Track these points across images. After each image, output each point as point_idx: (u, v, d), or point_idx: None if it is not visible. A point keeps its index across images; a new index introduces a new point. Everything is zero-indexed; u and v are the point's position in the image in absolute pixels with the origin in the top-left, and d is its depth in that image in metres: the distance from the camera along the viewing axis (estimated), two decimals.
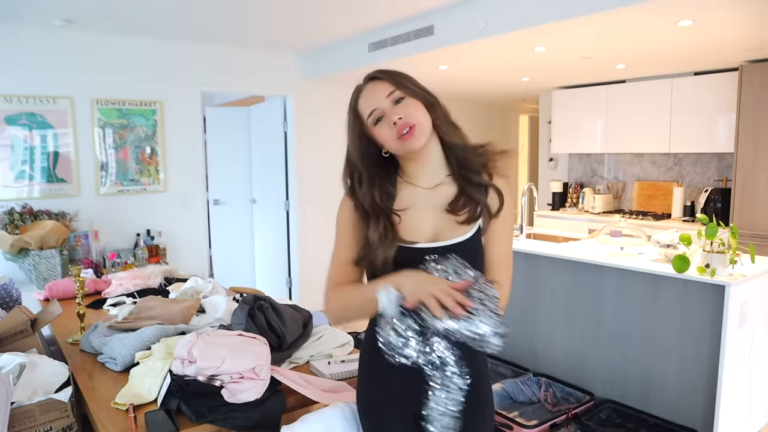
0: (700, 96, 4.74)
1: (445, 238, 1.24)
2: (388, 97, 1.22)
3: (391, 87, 1.23)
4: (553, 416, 2.85)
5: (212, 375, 1.49)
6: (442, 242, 1.23)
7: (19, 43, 3.75)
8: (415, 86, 1.25)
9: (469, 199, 1.25)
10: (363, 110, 1.25)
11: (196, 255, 4.62)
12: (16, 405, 1.47)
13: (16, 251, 3.44)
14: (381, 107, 1.22)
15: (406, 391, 1.24)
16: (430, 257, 1.19)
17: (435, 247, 1.22)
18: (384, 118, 1.22)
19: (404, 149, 1.23)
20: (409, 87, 1.24)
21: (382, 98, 1.22)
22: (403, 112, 1.21)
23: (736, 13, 2.99)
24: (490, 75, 5.08)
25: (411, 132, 1.20)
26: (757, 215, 4.16)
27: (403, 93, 1.22)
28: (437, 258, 1.17)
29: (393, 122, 1.20)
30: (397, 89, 1.22)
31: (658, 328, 2.82)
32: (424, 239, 1.24)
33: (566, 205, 5.97)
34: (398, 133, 1.20)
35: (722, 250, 2.65)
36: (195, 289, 2.56)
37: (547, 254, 3.29)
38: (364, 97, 1.26)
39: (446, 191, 1.28)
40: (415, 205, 1.27)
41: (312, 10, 3.58)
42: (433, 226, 1.25)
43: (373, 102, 1.23)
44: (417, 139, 1.21)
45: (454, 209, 1.25)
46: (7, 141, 3.75)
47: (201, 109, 4.70)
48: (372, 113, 1.23)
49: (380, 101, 1.22)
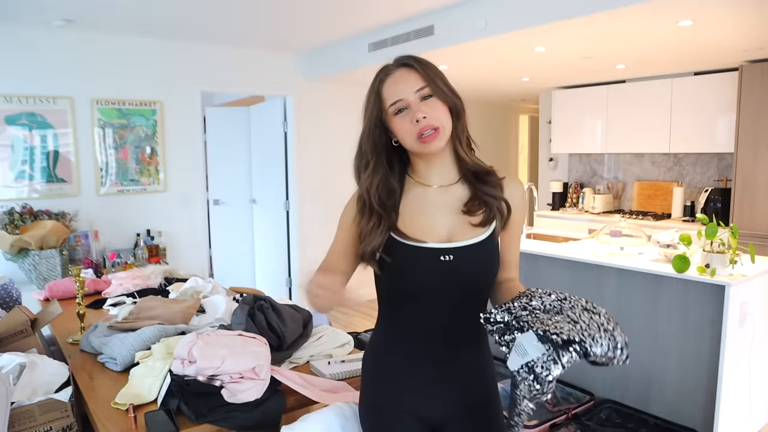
0: (700, 96, 4.73)
1: (459, 239, 1.21)
2: (417, 91, 1.16)
3: (422, 81, 1.17)
4: (553, 416, 2.85)
5: (212, 375, 1.49)
6: (456, 243, 1.20)
7: (19, 43, 3.75)
8: (446, 86, 1.20)
9: (484, 201, 1.23)
10: (386, 96, 1.19)
11: (196, 255, 4.62)
12: (16, 405, 1.47)
13: (16, 251, 3.44)
14: (407, 99, 1.17)
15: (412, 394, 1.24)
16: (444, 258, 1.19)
17: (449, 248, 1.19)
18: (407, 111, 1.17)
19: (421, 150, 1.20)
20: (439, 86, 1.18)
21: (411, 91, 1.17)
22: (429, 111, 1.16)
23: (736, 14, 2.99)
24: (490, 75, 5.08)
25: (434, 135, 1.16)
26: (757, 215, 4.16)
27: (432, 91, 1.17)
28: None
29: (416, 119, 1.16)
30: (428, 86, 1.17)
31: (658, 328, 2.82)
32: (437, 239, 1.21)
33: (566, 205, 5.97)
34: (419, 132, 1.16)
35: (722, 250, 2.65)
36: (195, 289, 2.56)
37: (547, 254, 3.29)
38: (391, 83, 1.19)
39: (460, 192, 1.25)
40: (426, 205, 1.24)
41: (312, 10, 3.58)
42: (447, 227, 1.22)
43: (399, 91, 1.17)
44: (437, 143, 1.18)
45: (470, 210, 1.22)
46: (7, 141, 3.75)
47: (201, 109, 4.70)
48: (396, 103, 1.18)
49: (408, 93, 1.17)
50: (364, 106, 1.23)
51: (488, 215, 1.22)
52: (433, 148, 1.18)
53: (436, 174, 1.25)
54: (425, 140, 1.16)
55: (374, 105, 1.21)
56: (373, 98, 1.21)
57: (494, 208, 1.23)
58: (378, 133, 1.22)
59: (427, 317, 1.22)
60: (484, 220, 1.22)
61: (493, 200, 1.23)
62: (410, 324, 1.24)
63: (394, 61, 1.22)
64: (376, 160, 1.24)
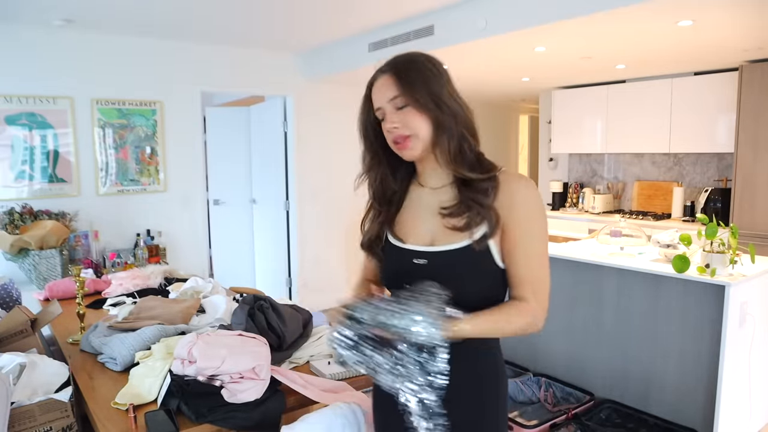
0: (700, 96, 4.74)
1: (440, 244, 1.16)
2: (390, 101, 1.15)
3: (395, 91, 1.15)
4: (553, 416, 2.85)
5: (212, 375, 1.49)
6: (433, 247, 1.16)
7: (19, 43, 3.75)
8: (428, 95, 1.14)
9: (468, 206, 1.14)
10: (373, 102, 1.20)
11: (196, 255, 4.62)
12: (16, 405, 1.47)
13: (16, 251, 3.44)
14: (383, 108, 1.17)
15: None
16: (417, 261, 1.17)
17: (422, 251, 1.17)
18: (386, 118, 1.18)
19: (401, 156, 1.21)
20: (415, 96, 1.13)
21: (385, 100, 1.16)
22: (400, 121, 1.15)
23: (736, 14, 2.99)
24: (490, 75, 5.08)
25: (405, 144, 1.16)
26: (757, 215, 4.16)
27: (406, 101, 1.14)
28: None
29: (387, 129, 1.17)
30: (401, 96, 1.14)
31: (658, 328, 2.82)
32: (418, 241, 1.19)
33: (566, 205, 5.97)
34: (393, 141, 1.18)
35: (722, 250, 2.65)
36: (195, 289, 2.55)
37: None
38: (375, 90, 1.20)
39: (448, 194, 1.20)
40: (418, 207, 1.24)
41: (312, 10, 3.58)
42: (431, 231, 1.19)
43: (378, 100, 1.18)
44: (411, 151, 1.17)
45: (450, 214, 1.16)
46: (7, 141, 3.75)
47: (201, 109, 4.70)
48: (378, 110, 1.19)
49: (383, 102, 1.17)
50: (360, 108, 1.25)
51: (469, 221, 1.13)
52: (407, 156, 1.19)
53: (430, 176, 1.24)
54: (399, 148, 1.18)
55: (364, 107, 1.23)
56: (363, 103, 1.23)
57: (478, 213, 1.13)
58: (373, 134, 1.23)
59: None
60: (463, 226, 1.13)
61: (477, 206, 1.13)
62: None
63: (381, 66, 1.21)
64: (371, 158, 1.26)
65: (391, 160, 1.25)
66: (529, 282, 1.14)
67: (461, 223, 1.14)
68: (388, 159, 1.25)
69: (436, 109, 1.14)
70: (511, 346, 3.54)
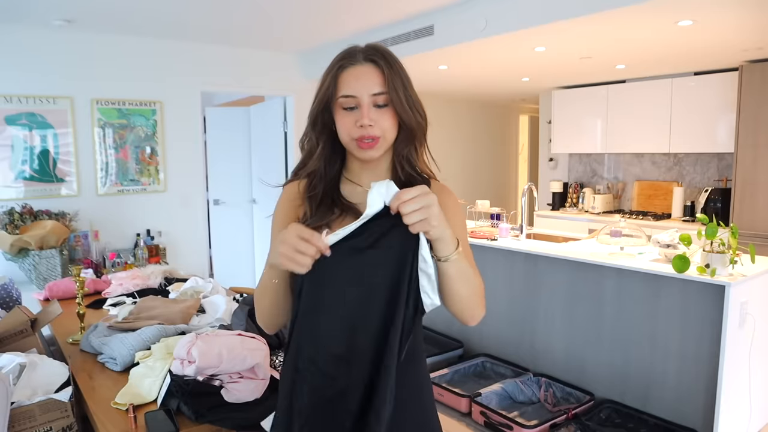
0: (700, 96, 4.74)
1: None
2: (373, 95, 1.07)
3: (382, 86, 1.07)
4: (553, 416, 2.85)
5: (212, 375, 1.49)
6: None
7: (19, 43, 3.75)
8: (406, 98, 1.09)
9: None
10: (342, 86, 1.08)
11: (196, 255, 4.62)
12: (16, 405, 1.47)
13: (16, 251, 3.44)
14: (360, 99, 1.07)
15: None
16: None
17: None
18: (356, 110, 1.08)
19: (355, 153, 1.11)
20: (399, 96, 1.08)
21: (367, 93, 1.06)
22: (377, 120, 1.07)
23: (736, 13, 2.99)
24: (490, 75, 5.08)
25: (372, 144, 1.08)
26: (757, 215, 4.16)
27: (388, 100, 1.08)
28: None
29: (361, 124, 1.07)
30: (387, 93, 1.07)
31: (658, 328, 2.82)
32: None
33: (566, 205, 5.97)
34: (360, 136, 1.07)
35: (722, 250, 2.65)
36: (195, 289, 2.56)
37: (547, 254, 3.29)
38: (351, 75, 1.08)
39: None
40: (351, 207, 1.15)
41: (312, 10, 3.58)
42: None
43: (356, 88, 1.07)
44: (375, 152, 1.10)
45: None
46: (7, 141, 3.75)
47: (201, 109, 4.70)
48: (348, 97, 1.08)
49: (363, 93, 1.07)
50: (319, 86, 1.13)
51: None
52: (367, 156, 1.10)
53: (368, 176, 1.15)
54: (362, 145, 1.08)
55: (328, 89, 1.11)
56: (329, 81, 1.11)
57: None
58: (326, 117, 1.13)
59: None
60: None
61: None
62: None
63: (362, 50, 1.10)
64: (324, 144, 1.15)
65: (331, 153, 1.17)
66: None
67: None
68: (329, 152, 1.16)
69: (411, 114, 1.10)
70: (511, 346, 3.54)
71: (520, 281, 3.46)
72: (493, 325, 3.64)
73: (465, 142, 7.33)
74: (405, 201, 0.94)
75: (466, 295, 1.06)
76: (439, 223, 0.97)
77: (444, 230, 0.99)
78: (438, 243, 1.00)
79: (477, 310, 1.10)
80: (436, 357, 3.58)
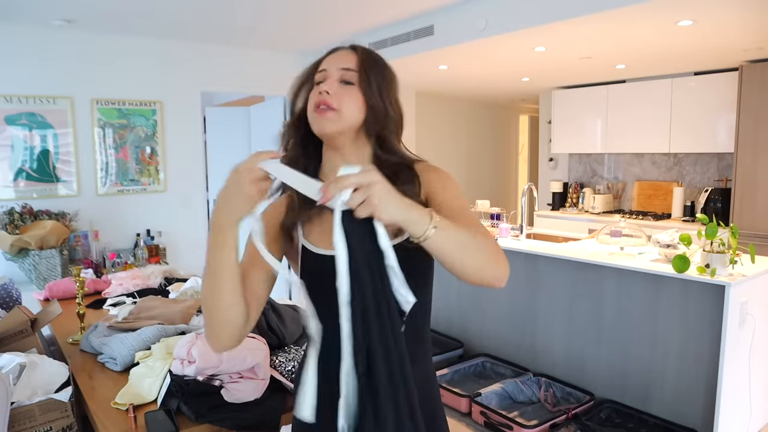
0: (700, 96, 4.74)
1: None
2: (341, 69, 1.06)
3: (351, 64, 1.06)
4: (553, 416, 2.85)
5: (212, 375, 1.49)
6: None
7: (20, 43, 3.75)
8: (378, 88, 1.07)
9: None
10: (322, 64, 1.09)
11: (196, 255, 4.62)
12: (16, 405, 1.47)
13: (16, 251, 3.44)
14: (329, 71, 1.06)
15: None
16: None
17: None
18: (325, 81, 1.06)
19: (314, 125, 1.06)
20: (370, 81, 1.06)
21: (337, 66, 1.06)
22: (338, 92, 1.04)
23: (737, 13, 2.99)
24: (490, 75, 5.08)
25: (325, 112, 1.03)
26: (757, 215, 4.16)
27: (356, 79, 1.05)
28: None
29: (320, 91, 1.04)
30: (355, 72, 1.05)
31: (658, 328, 2.82)
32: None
33: (566, 205, 5.97)
34: (316, 104, 1.04)
35: (722, 250, 2.65)
36: (195, 289, 2.56)
37: (547, 254, 3.29)
38: (329, 57, 1.10)
39: None
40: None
41: (312, 10, 3.58)
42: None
43: (329, 63, 1.08)
44: (327, 122, 1.03)
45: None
46: (7, 141, 3.75)
47: (201, 109, 4.70)
48: (320, 72, 1.07)
49: (332, 67, 1.07)
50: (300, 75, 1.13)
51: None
52: (319, 126, 1.04)
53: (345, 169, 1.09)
54: (317, 112, 1.04)
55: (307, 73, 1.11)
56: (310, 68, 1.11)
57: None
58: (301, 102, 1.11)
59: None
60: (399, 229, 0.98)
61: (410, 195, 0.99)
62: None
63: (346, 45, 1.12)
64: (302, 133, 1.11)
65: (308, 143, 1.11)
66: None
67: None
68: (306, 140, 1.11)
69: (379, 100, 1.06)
70: (511, 346, 3.54)
71: (520, 281, 3.46)
72: (493, 325, 3.64)
73: (465, 142, 7.33)
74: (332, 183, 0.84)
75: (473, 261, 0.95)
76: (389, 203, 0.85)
77: (400, 210, 0.87)
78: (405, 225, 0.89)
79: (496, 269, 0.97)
80: (436, 357, 3.58)
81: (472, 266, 0.95)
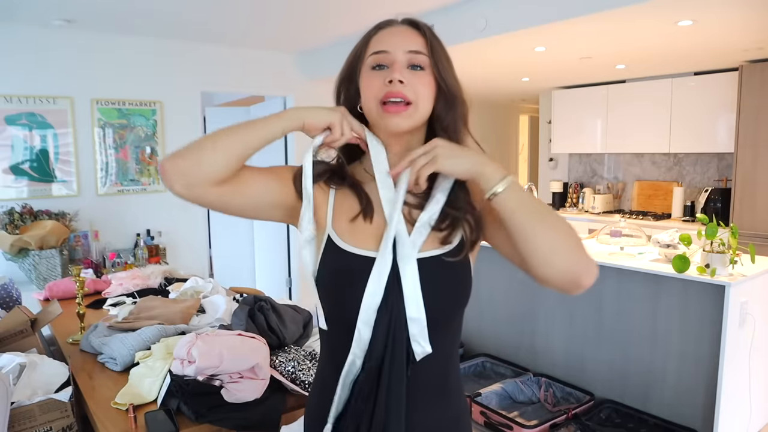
0: (700, 96, 4.74)
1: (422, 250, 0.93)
2: (410, 52, 0.92)
3: (420, 46, 0.93)
4: (553, 416, 2.85)
5: (212, 375, 1.49)
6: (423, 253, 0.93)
7: (19, 43, 3.75)
8: (451, 71, 0.96)
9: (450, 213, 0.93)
10: (373, 44, 0.95)
11: (196, 255, 4.62)
12: (16, 405, 1.47)
13: (16, 251, 3.44)
14: (394, 56, 0.92)
15: None
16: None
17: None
18: (387, 69, 0.92)
19: (380, 120, 0.93)
20: (442, 63, 0.94)
21: (404, 49, 0.92)
22: (412, 80, 0.91)
23: (736, 13, 2.99)
24: (490, 75, 5.08)
25: (401, 108, 0.90)
26: (757, 215, 4.16)
27: (427, 63, 0.93)
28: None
29: (390, 80, 0.90)
30: (428, 55, 0.93)
31: (658, 328, 2.82)
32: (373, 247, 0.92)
33: (566, 205, 5.97)
34: (386, 95, 0.90)
35: (722, 250, 2.65)
36: (195, 289, 2.55)
37: None
38: (385, 33, 0.97)
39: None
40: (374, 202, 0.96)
41: (312, 10, 3.58)
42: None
43: (390, 44, 0.93)
44: (402, 120, 0.91)
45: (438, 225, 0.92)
46: (7, 141, 3.75)
47: (201, 109, 4.70)
48: (380, 53, 0.93)
49: (398, 49, 0.92)
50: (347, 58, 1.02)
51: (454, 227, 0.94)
52: (392, 124, 0.91)
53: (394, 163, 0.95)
54: (388, 109, 0.90)
55: (357, 53, 0.99)
56: (359, 45, 0.98)
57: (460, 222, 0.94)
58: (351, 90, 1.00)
59: None
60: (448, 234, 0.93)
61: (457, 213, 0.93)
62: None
63: (399, 18, 1.00)
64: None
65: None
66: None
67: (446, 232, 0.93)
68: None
69: (453, 86, 0.95)
70: (511, 346, 3.54)
71: (520, 281, 3.46)
72: (493, 325, 3.64)
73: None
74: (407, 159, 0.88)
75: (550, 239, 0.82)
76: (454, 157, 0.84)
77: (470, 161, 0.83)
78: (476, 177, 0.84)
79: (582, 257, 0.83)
80: None
81: (549, 246, 0.82)
